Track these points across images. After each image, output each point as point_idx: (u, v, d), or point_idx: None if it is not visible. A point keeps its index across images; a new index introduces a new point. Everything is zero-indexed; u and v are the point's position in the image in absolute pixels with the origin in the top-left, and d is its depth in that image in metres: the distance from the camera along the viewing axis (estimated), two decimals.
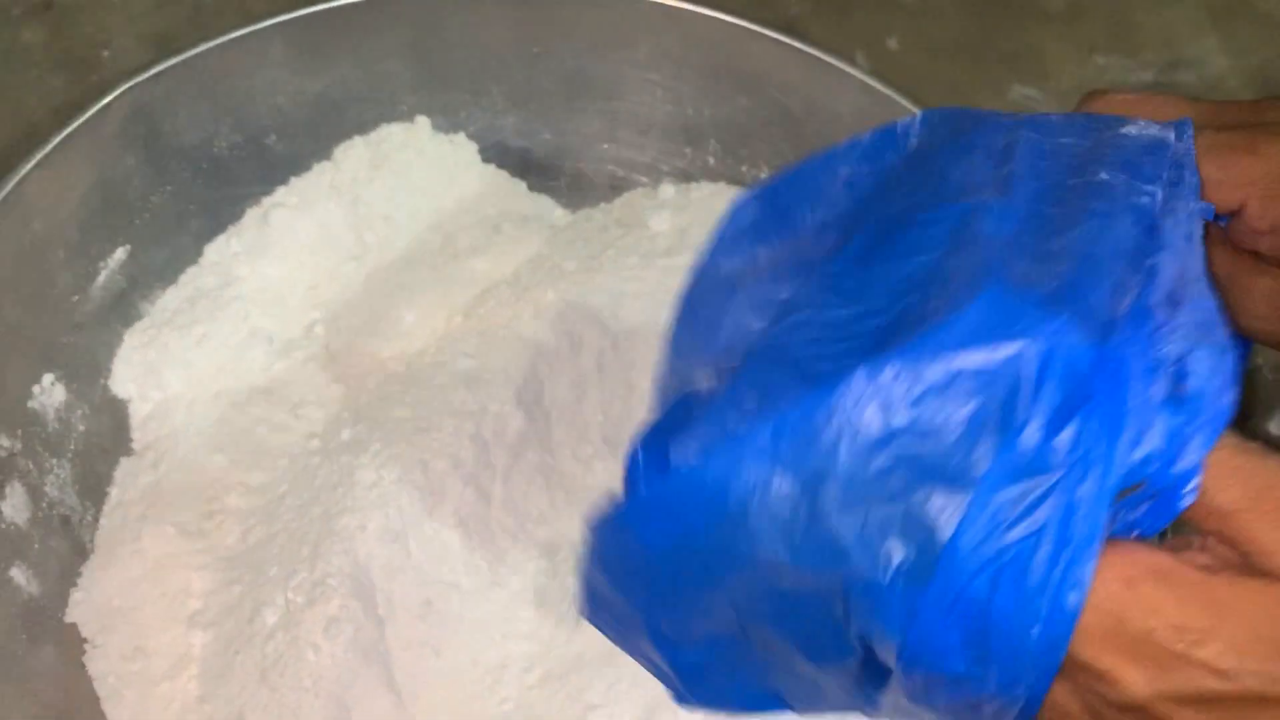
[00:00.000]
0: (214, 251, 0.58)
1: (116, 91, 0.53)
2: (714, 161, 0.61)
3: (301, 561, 0.48)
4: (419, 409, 0.51)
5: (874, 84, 0.56)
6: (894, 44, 0.70)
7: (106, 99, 0.53)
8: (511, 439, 0.51)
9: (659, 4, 0.57)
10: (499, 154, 0.62)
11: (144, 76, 0.54)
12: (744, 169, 0.61)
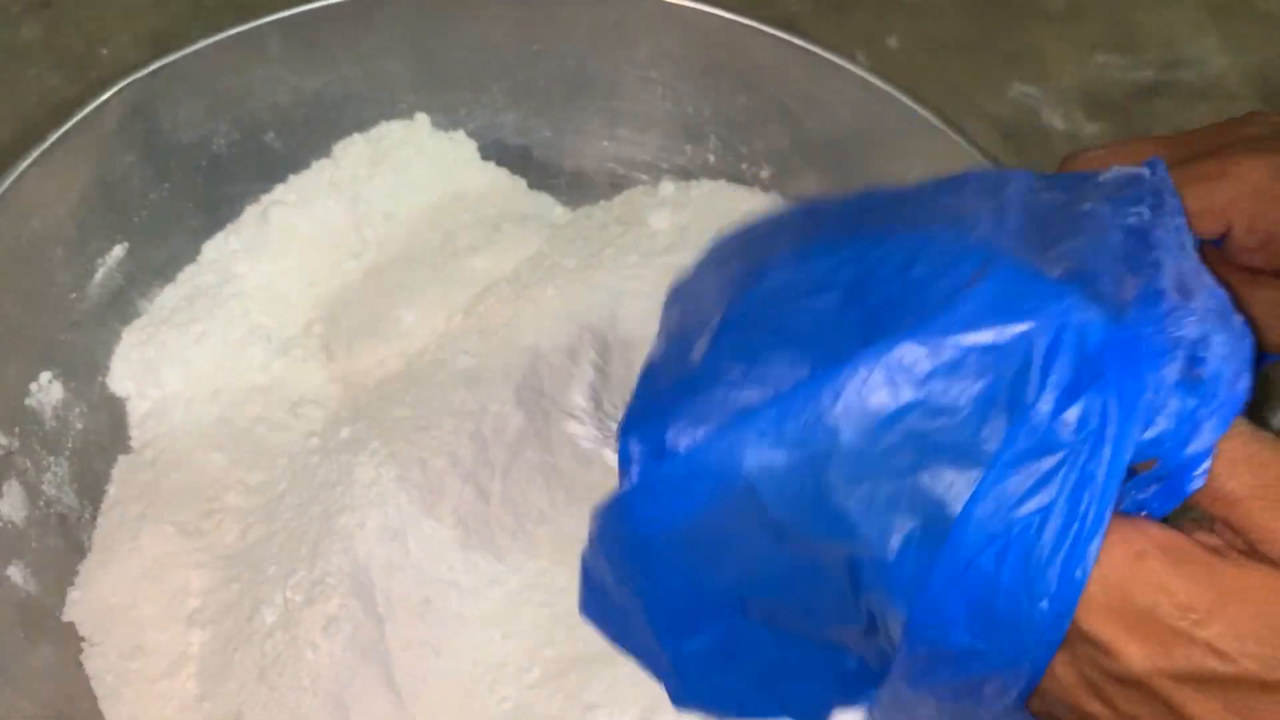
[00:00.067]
0: (213, 249, 0.58)
1: (115, 89, 0.53)
2: (714, 159, 0.61)
3: (300, 560, 0.48)
4: (418, 407, 0.51)
5: (874, 81, 0.56)
6: (894, 42, 0.70)
7: (104, 96, 0.53)
8: (511, 437, 0.51)
9: (659, 1, 0.57)
10: (499, 151, 0.62)
11: (142, 74, 0.54)
12: (744, 166, 0.60)
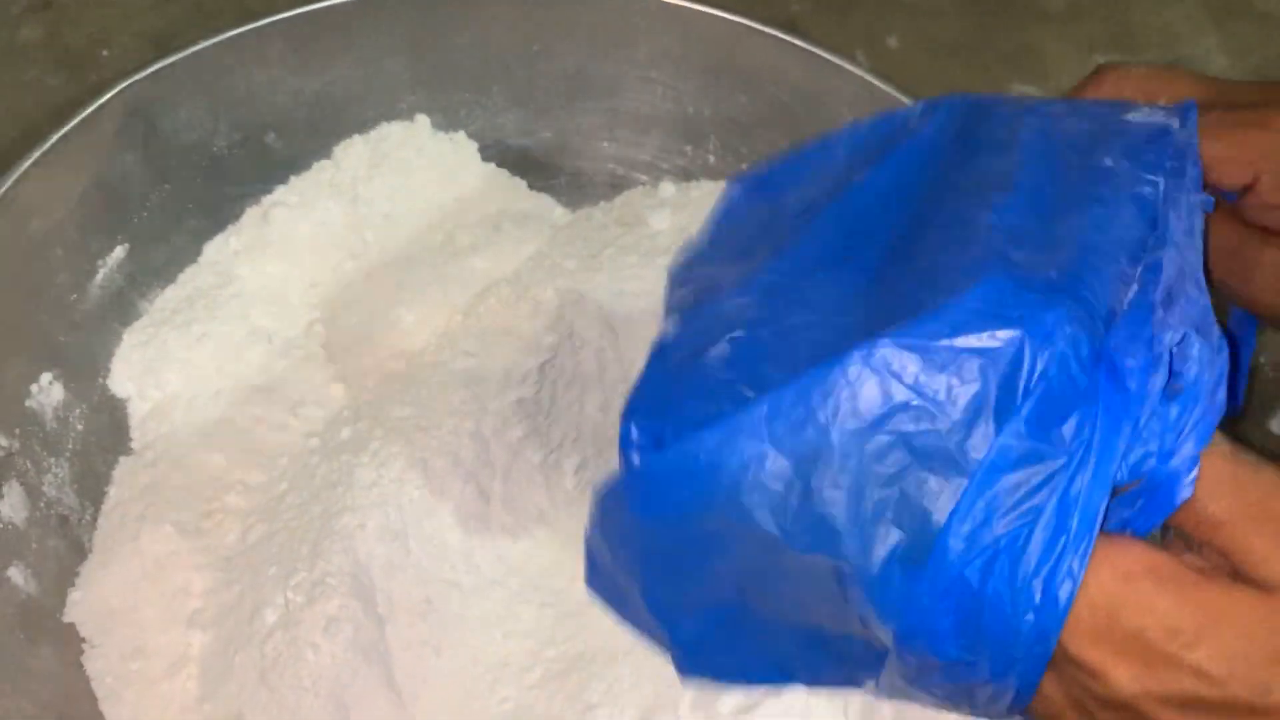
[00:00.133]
0: (213, 250, 0.58)
1: (115, 90, 0.53)
2: (714, 160, 0.61)
3: (301, 561, 0.48)
4: (419, 407, 0.51)
5: (874, 82, 0.56)
6: (894, 42, 0.70)
7: (105, 97, 0.53)
8: (511, 438, 0.51)
9: (659, 2, 0.57)
10: (499, 152, 0.62)
11: (142, 75, 0.54)
12: (744, 167, 0.60)
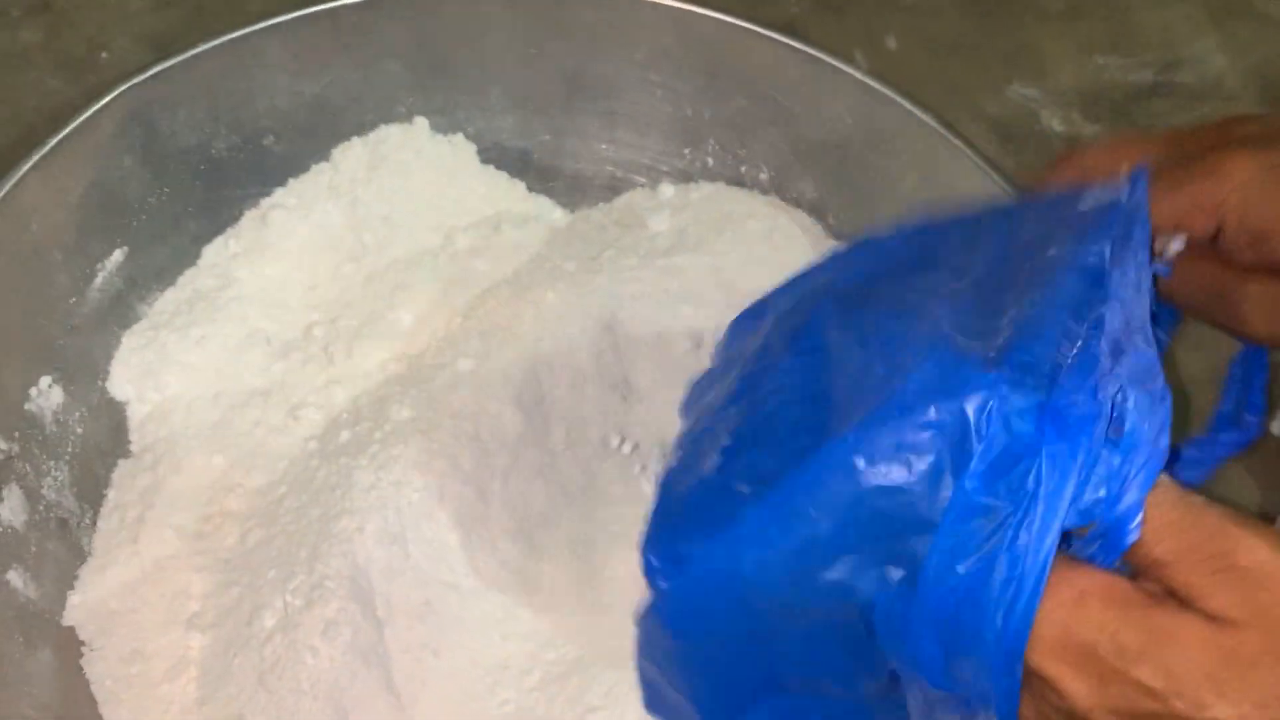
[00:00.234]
0: (212, 253, 0.58)
1: (114, 93, 0.53)
2: (713, 162, 0.61)
3: (300, 564, 0.48)
4: (418, 410, 0.51)
5: (873, 84, 0.56)
6: (892, 43, 0.70)
7: (104, 100, 0.53)
8: (511, 439, 0.51)
9: (657, 4, 0.57)
10: (498, 154, 0.62)
11: (141, 78, 0.54)
12: (743, 169, 0.60)
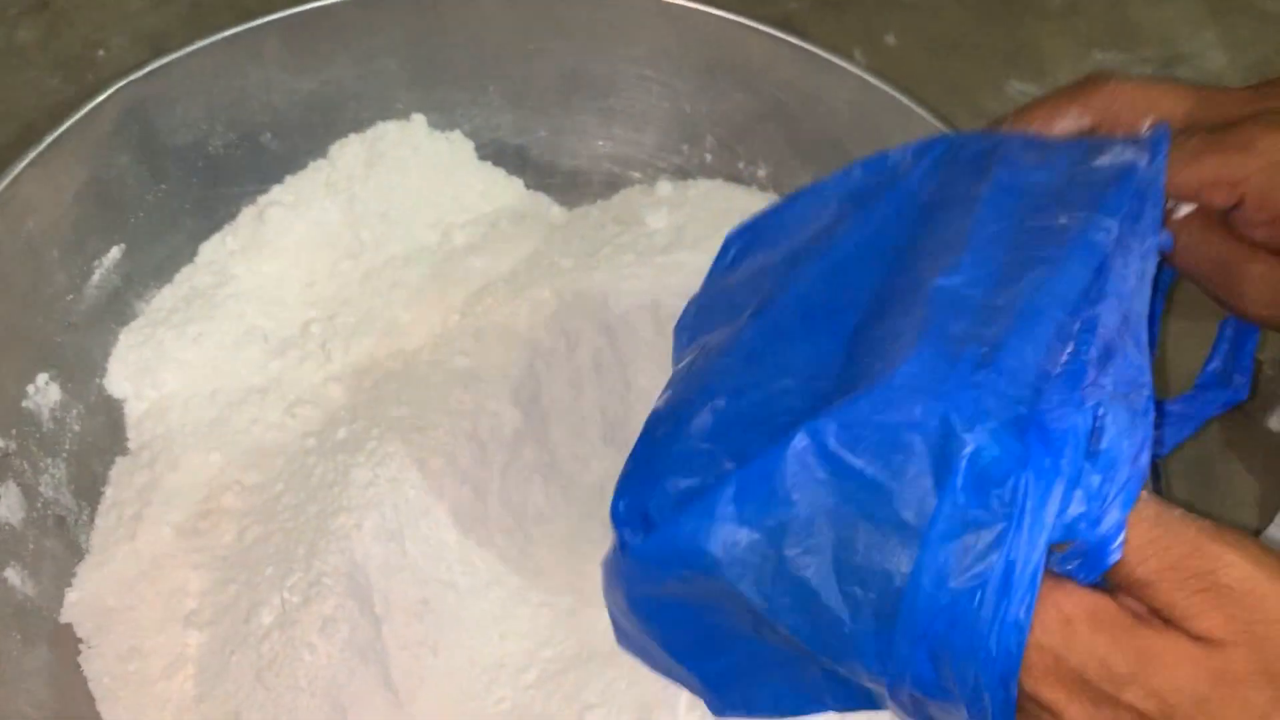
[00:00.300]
0: (209, 250, 0.58)
1: (111, 90, 0.53)
2: (711, 158, 0.61)
3: (297, 561, 0.48)
4: (416, 407, 0.51)
5: (872, 80, 0.56)
6: (892, 40, 0.70)
7: (101, 97, 0.53)
8: (508, 437, 0.51)
9: (655, 1, 0.57)
10: (496, 151, 0.61)
11: (138, 75, 0.54)
12: (741, 165, 0.60)
